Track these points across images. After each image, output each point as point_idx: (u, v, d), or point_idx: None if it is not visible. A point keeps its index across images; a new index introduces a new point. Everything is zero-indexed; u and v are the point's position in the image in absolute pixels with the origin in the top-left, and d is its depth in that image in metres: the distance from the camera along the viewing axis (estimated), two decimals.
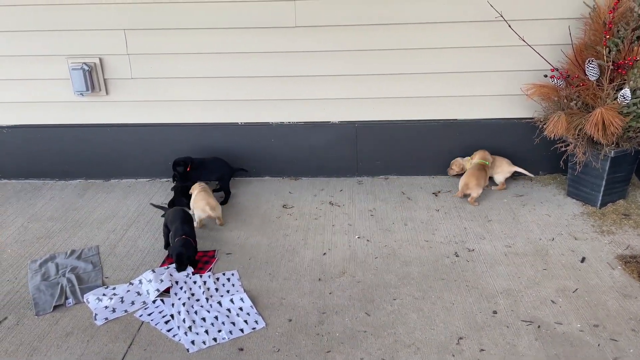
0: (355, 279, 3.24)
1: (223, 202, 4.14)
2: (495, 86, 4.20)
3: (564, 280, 3.17)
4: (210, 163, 4.27)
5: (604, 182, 3.81)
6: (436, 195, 4.25)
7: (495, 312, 2.93)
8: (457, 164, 4.39)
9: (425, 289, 3.14)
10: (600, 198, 3.88)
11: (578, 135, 3.66)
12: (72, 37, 4.18)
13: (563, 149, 3.87)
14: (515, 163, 4.28)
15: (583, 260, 3.36)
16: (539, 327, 2.82)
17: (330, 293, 3.11)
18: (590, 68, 3.59)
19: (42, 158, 4.59)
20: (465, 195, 4.11)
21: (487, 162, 4.19)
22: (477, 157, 4.22)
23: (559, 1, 3.88)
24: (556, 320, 2.86)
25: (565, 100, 3.76)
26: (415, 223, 3.85)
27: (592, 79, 3.62)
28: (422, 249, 3.53)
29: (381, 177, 4.58)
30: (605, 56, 3.56)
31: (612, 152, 3.66)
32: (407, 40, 4.09)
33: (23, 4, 4.08)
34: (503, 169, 4.27)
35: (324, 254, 3.50)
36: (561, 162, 4.00)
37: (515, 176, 4.49)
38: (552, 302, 3.00)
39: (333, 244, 3.61)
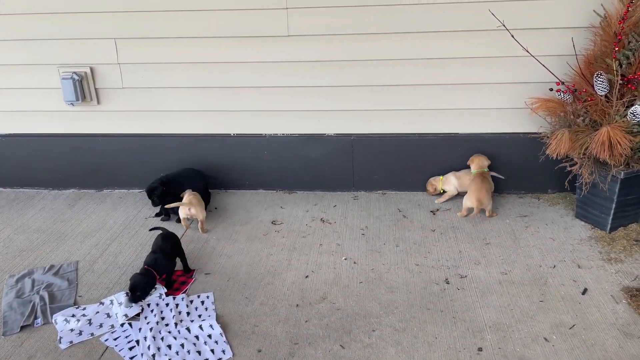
0: (335, 306, 3.05)
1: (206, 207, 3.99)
2: (498, 99, 3.96)
3: (561, 315, 2.92)
4: (182, 176, 4.14)
5: (614, 205, 3.53)
6: (434, 214, 4.03)
7: (480, 350, 2.70)
8: (430, 184, 4.18)
9: (408, 319, 2.93)
10: (610, 222, 3.60)
11: (584, 154, 3.39)
12: (63, 46, 4.12)
13: (569, 168, 3.60)
14: (522, 179, 4.02)
15: (585, 291, 3.10)
16: None
17: (306, 321, 2.94)
18: (599, 82, 3.32)
19: (35, 167, 4.55)
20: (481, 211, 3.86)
21: (486, 169, 3.96)
22: (474, 166, 3.98)
23: (566, 9, 3.61)
24: None
25: (571, 116, 3.49)
26: (408, 244, 3.64)
27: (601, 93, 3.34)
28: (411, 274, 3.32)
29: (378, 192, 4.38)
30: (614, 69, 3.28)
31: (622, 173, 3.37)
32: (406, 50, 3.88)
33: (14, 12, 4.04)
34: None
35: (307, 276, 3.33)
36: (566, 183, 3.73)
37: (521, 194, 4.23)
38: (545, 339, 2.75)
39: (318, 265, 3.44)
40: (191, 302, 3.11)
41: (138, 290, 2.99)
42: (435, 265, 3.40)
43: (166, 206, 3.89)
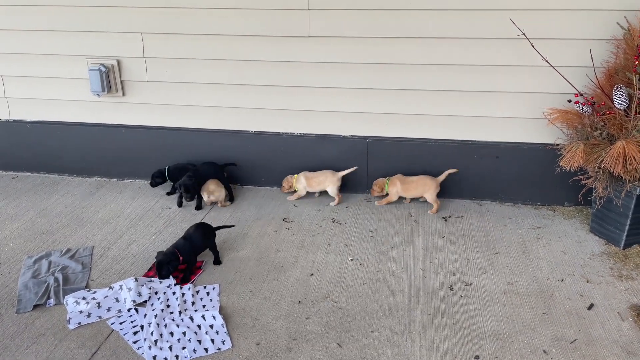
0: (336, 305, 3.09)
1: (230, 199, 4.31)
2: (515, 108, 3.92)
3: (564, 328, 2.89)
4: (203, 169, 4.28)
5: (628, 221, 3.46)
6: (445, 220, 4.02)
7: (477, 357, 2.70)
8: (286, 181, 4.29)
9: (407, 322, 2.94)
10: (624, 238, 3.53)
11: (598, 168, 3.34)
12: (92, 38, 4.27)
13: (583, 181, 3.54)
14: (538, 191, 3.99)
15: (591, 307, 3.05)
16: None
17: (307, 318, 2.98)
18: (618, 95, 3.26)
19: (61, 154, 4.72)
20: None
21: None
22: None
23: (588, 20, 3.56)
24: None
25: (589, 129, 3.44)
26: (416, 249, 3.65)
27: (620, 107, 3.29)
28: (415, 279, 3.33)
29: None
30: (635, 84, 3.22)
31: (638, 189, 3.31)
32: (425, 55, 3.89)
33: (47, 4, 4.20)
34: (332, 180, 4.18)
35: (312, 274, 3.37)
36: (579, 196, 3.67)
37: (537, 206, 4.18)
38: (544, 352, 2.73)
39: (324, 264, 3.47)
40: (197, 292, 3.18)
41: (163, 270, 3.19)
42: (441, 272, 3.39)
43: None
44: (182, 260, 3.30)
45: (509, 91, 3.87)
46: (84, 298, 3.09)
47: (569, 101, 3.55)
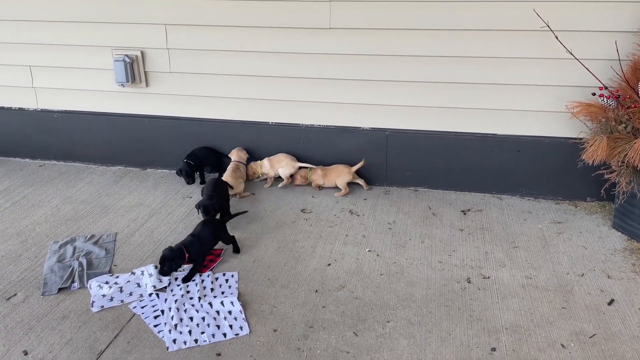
0: (353, 295, 3.11)
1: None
2: (538, 101, 3.88)
3: (583, 323, 2.86)
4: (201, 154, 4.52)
5: None
6: (464, 214, 4.00)
7: (493, 349, 2.69)
8: (250, 168, 4.41)
9: (424, 314, 2.95)
10: None
11: (622, 162, 3.28)
12: (117, 29, 4.35)
13: (606, 175, 3.49)
14: (560, 185, 3.94)
15: (611, 302, 3.02)
16: None
17: (323, 307, 3.01)
18: None
19: (86, 143, 4.83)
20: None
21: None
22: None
23: (614, 12, 3.49)
24: None
25: (613, 123, 3.39)
26: (434, 241, 3.64)
27: None
28: (432, 271, 3.33)
29: (410, 188, 4.39)
30: None
31: None
32: (446, 47, 3.87)
33: None
34: (288, 163, 4.33)
35: (329, 264, 3.40)
36: (602, 191, 3.62)
37: (559, 200, 4.13)
38: (562, 346, 2.71)
39: (341, 255, 3.50)
40: (216, 279, 3.24)
41: (165, 265, 3.11)
42: (459, 264, 3.39)
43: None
44: (188, 258, 3.20)
45: (531, 84, 3.83)
46: (106, 282, 3.17)
47: (593, 94, 3.50)
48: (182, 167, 4.38)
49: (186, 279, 3.19)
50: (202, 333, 2.79)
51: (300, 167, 4.34)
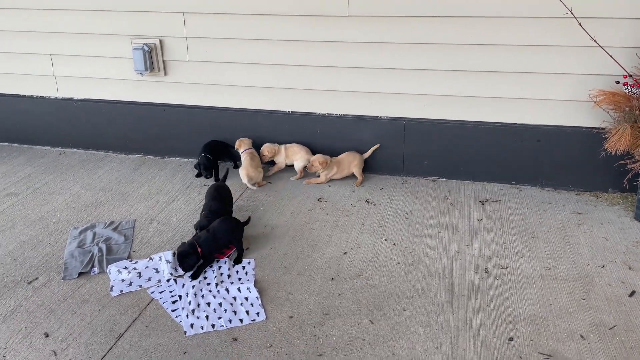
0: (369, 283, 3.10)
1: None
2: (559, 90, 3.81)
3: (603, 314, 2.82)
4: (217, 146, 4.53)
5: None
6: (482, 204, 3.96)
7: (511, 339, 2.67)
8: (271, 150, 4.39)
9: (441, 302, 2.93)
10: None
11: None
12: (136, 18, 4.37)
13: (629, 165, 3.42)
14: (581, 176, 3.88)
15: (632, 294, 2.96)
16: None
17: (339, 294, 3.01)
18: None
19: (106, 131, 4.88)
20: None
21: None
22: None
23: None
24: (580, 359, 2.54)
25: (637, 111, 3.31)
26: (451, 231, 3.62)
27: None
28: (449, 260, 3.30)
29: (428, 178, 4.35)
30: None
31: None
32: (466, 34, 3.81)
33: None
34: (303, 156, 4.33)
35: (345, 253, 3.39)
36: (625, 182, 3.55)
37: (579, 191, 4.07)
38: (582, 337, 2.68)
39: (357, 243, 3.49)
40: (233, 266, 3.26)
41: (185, 262, 3.07)
42: (477, 254, 3.36)
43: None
44: (201, 254, 3.13)
45: (553, 72, 3.76)
46: (125, 268, 3.22)
47: (617, 82, 3.42)
48: (200, 161, 4.29)
49: (195, 276, 3.13)
50: (219, 318, 2.82)
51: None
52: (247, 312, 2.86)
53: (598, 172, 3.95)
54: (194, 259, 3.11)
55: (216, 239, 3.22)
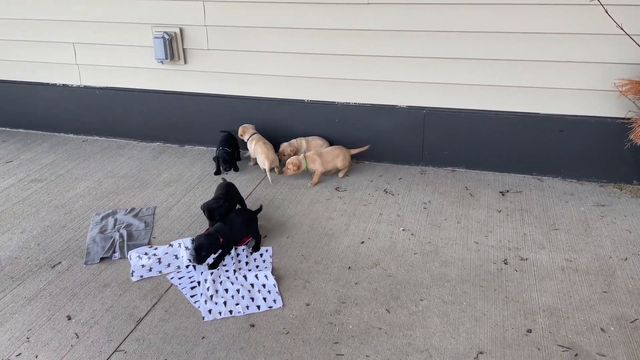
0: (386, 273, 3.10)
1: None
2: (584, 79, 3.73)
3: (624, 308, 2.77)
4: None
5: None
6: (503, 195, 3.91)
7: (529, 331, 2.64)
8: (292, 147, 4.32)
9: (458, 293, 2.92)
10: None
11: None
12: (157, 6, 4.40)
13: None
14: (605, 167, 3.80)
15: None
16: (576, 355, 2.50)
17: (356, 283, 3.02)
18: None
19: (127, 119, 4.94)
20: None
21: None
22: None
23: None
24: (599, 351, 2.51)
25: None
26: (470, 222, 3.58)
27: None
28: (468, 251, 3.28)
29: (447, 168, 4.31)
30: None
31: None
32: (487, 22, 3.75)
33: None
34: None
35: (362, 242, 3.39)
36: None
37: (603, 183, 3.99)
38: (602, 330, 2.64)
39: (374, 233, 3.48)
40: (251, 253, 3.28)
41: (203, 251, 3.04)
42: (496, 245, 3.32)
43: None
44: (222, 243, 3.12)
45: (577, 61, 3.67)
46: (146, 253, 3.27)
47: None
48: (219, 154, 4.27)
49: (213, 266, 3.13)
50: (237, 304, 2.85)
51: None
52: (265, 299, 2.88)
53: (622, 163, 3.86)
54: (216, 246, 3.09)
55: (233, 231, 3.24)
